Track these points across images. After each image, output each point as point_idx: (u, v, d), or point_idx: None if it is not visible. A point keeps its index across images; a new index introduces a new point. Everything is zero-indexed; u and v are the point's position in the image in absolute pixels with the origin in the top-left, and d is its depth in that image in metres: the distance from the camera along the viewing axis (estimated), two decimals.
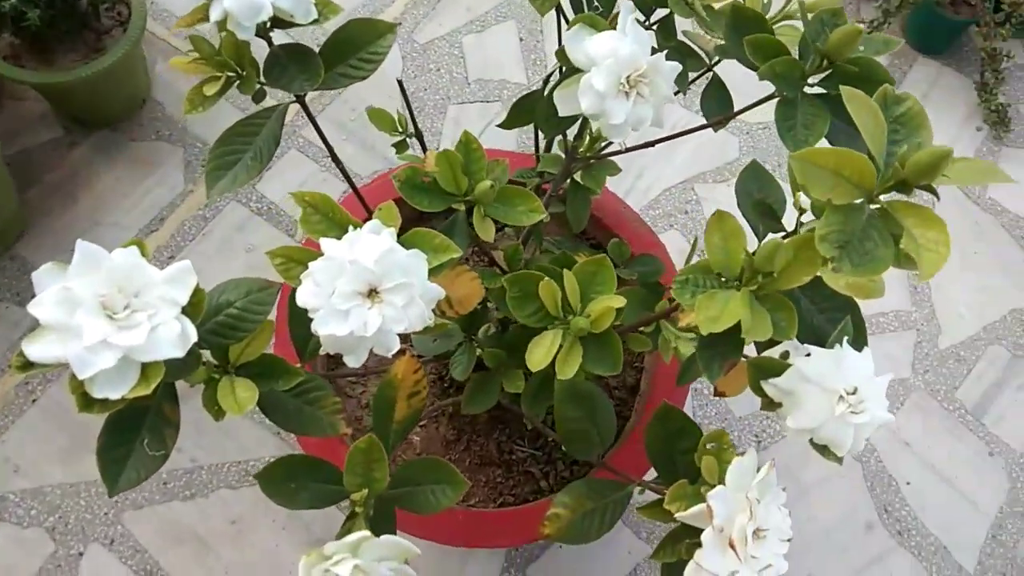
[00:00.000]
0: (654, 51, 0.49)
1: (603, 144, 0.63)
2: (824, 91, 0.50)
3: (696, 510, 0.46)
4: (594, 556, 0.99)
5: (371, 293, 0.44)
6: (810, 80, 0.49)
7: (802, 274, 0.41)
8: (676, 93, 0.53)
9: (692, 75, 0.63)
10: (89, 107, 1.15)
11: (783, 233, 0.64)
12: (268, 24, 0.51)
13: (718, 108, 0.64)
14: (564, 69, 0.54)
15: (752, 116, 1.34)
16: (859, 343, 0.48)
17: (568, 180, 0.68)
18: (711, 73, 0.65)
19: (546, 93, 0.59)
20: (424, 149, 0.62)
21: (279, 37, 0.54)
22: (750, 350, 0.47)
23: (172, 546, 0.98)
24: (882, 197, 0.41)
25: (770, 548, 0.46)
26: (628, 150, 0.60)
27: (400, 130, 0.63)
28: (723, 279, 0.42)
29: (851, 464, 1.08)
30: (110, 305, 0.39)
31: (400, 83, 0.58)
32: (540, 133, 0.73)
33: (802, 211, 0.63)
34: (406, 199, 0.52)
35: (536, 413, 0.66)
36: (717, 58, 0.63)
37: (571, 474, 0.83)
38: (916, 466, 1.08)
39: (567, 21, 0.54)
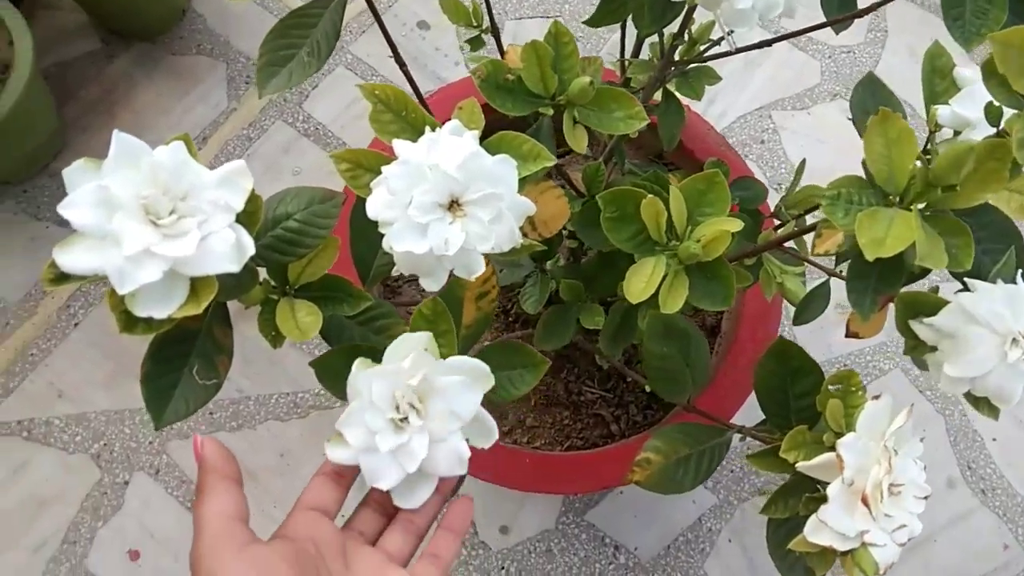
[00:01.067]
0: None
1: (706, 45, 0.55)
2: None
3: (822, 460, 0.40)
4: (657, 504, 0.94)
5: (452, 205, 0.38)
6: None
7: (984, 189, 0.34)
8: None
9: None
10: (126, 16, 1.09)
11: None
12: None
13: (840, 5, 0.55)
14: None
15: (835, 39, 1.24)
16: None
17: (659, 92, 0.60)
18: None
19: None
20: (501, 49, 0.55)
21: None
22: None
23: None
24: None
25: (906, 506, 0.40)
26: (738, 51, 0.52)
27: (475, 23, 0.55)
28: (885, 194, 0.35)
29: (933, 417, 1.00)
30: (154, 209, 0.33)
31: None
32: (625, 39, 0.65)
33: (936, 128, 0.55)
34: (488, 100, 0.45)
35: (614, 352, 0.60)
36: None
37: (644, 419, 0.77)
38: (1003, 421, 1.00)
39: None
